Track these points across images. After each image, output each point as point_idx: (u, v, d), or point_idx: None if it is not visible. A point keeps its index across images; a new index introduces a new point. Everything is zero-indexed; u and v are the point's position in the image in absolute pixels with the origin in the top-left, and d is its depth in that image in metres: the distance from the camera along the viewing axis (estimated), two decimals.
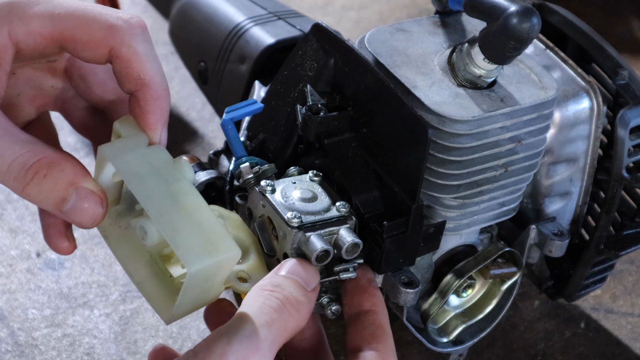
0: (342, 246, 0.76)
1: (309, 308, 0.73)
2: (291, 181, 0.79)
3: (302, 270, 0.74)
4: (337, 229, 0.77)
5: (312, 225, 0.76)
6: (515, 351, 1.06)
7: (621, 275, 1.16)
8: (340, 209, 0.78)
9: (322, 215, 0.77)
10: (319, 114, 0.82)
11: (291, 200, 0.77)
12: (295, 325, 0.72)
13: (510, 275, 0.92)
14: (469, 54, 0.80)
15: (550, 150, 0.91)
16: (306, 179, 0.80)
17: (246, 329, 0.68)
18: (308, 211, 0.77)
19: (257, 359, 0.67)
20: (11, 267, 1.12)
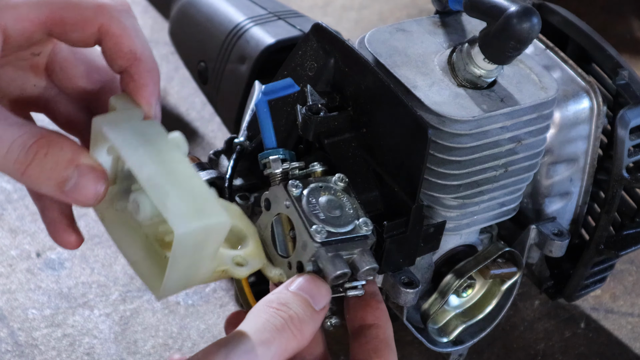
0: (359, 269, 0.75)
1: (314, 328, 0.72)
2: (318, 184, 0.78)
3: (313, 288, 0.73)
4: (358, 250, 0.75)
5: (334, 242, 0.75)
6: (515, 351, 1.06)
7: (621, 275, 1.16)
8: (362, 226, 0.76)
9: (345, 229, 0.75)
10: (319, 114, 0.82)
11: (317, 209, 0.76)
12: (297, 345, 0.71)
13: (510, 275, 0.92)
14: (469, 54, 0.80)
15: (550, 150, 0.91)
16: (332, 184, 0.78)
17: (246, 345, 0.67)
18: (332, 224, 0.75)
19: None
20: (11, 267, 1.12)
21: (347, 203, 0.77)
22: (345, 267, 0.74)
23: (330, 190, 0.78)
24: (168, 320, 1.07)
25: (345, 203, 0.77)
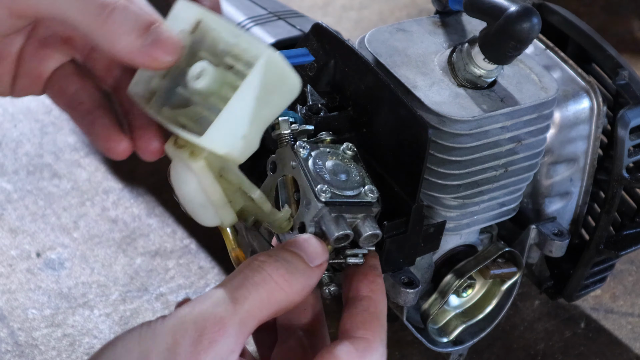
0: (362, 234, 0.75)
1: (307, 285, 0.71)
2: (326, 149, 0.77)
3: (308, 246, 0.72)
4: (361, 215, 0.75)
5: (339, 204, 0.74)
6: (515, 351, 1.06)
7: (621, 275, 1.16)
8: (368, 193, 0.75)
9: (351, 194, 0.75)
10: (319, 114, 0.82)
11: (323, 171, 0.75)
12: (285, 299, 0.69)
13: (510, 275, 0.92)
14: (469, 54, 0.80)
15: (550, 150, 0.91)
16: (340, 151, 0.78)
17: (216, 302, 0.66)
18: (338, 186, 0.75)
19: (218, 336, 0.65)
20: (11, 267, 1.12)
21: (354, 170, 0.77)
22: (348, 229, 0.73)
23: (337, 156, 0.77)
24: None
25: (352, 170, 0.77)
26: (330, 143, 0.79)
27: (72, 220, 1.17)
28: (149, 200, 1.21)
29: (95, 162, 1.25)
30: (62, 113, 1.30)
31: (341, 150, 0.78)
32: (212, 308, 0.66)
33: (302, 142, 0.76)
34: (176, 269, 1.13)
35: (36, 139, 1.27)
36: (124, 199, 1.20)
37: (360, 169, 0.77)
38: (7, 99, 1.32)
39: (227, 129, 0.69)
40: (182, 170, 0.73)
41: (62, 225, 1.17)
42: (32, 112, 1.31)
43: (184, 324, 0.65)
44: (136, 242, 1.15)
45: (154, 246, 1.15)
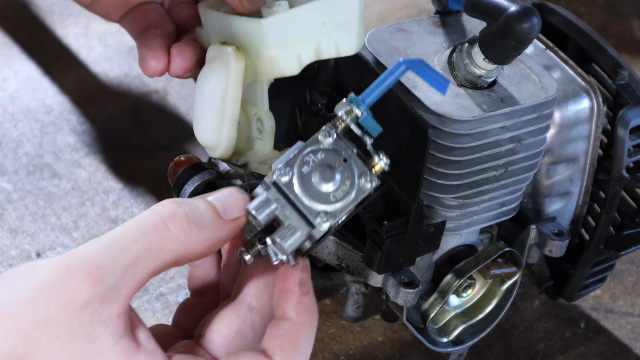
0: (274, 236, 0.67)
1: (213, 237, 0.66)
2: (336, 150, 0.69)
3: (226, 197, 0.67)
4: (291, 223, 0.67)
5: (283, 194, 0.67)
6: (515, 351, 1.06)
7: (621, 275, 1.16)
8: (322, 217, 0.67)
9: (304, 200, 0.67)
10: (319, 114, 0.82)
11: (313, 162, 0.68)
12: (182, 248, 0.65)
13: (510, 275, 0.92)
14: (469, 54, 0.80)
15: (550, 150, 0.91)
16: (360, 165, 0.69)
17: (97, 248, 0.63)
18: (304, 186, 0.67)
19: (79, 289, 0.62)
20: (11, 267, 1.12)
21: (341, 191, 0.68)
22: (260, 217, 0.67)
23: (339, 163, 0.69)
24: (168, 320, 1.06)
25: (341, 189, 0.68)
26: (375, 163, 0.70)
27: (72, 220, 1.17)
28: (149, 200, 1.21)
29: (95, 162, 1.25)
30: (62, 113, 1.30)
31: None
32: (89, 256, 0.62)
33: (330, 127, 0.69)
34: (176, 269, 1.13)
35: (36, 139, 1.27)
36: (124, 199, 1.20)
37: (349, 191, 0.68)
38: (7, 99, 1.32)
39: (290, 27, 0.70)
40: (217, 66, 0.72)
41: (62, 225, 1.17)
42: (32, 112, 1.31)
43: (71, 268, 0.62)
44: None
45: None
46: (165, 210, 0.65)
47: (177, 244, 0.65)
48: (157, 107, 1.35)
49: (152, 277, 0.65)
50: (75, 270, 0.63)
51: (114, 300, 0.63)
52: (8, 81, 1.36)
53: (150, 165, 1.25)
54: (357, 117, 0.69)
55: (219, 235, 0.67)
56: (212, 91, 0.74)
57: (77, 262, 0.63)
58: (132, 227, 0.64)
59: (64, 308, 0.62)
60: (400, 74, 0.69)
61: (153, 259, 0.64)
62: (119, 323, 0.63)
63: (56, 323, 0.62)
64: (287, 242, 0.67)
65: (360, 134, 0.69)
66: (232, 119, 0.73)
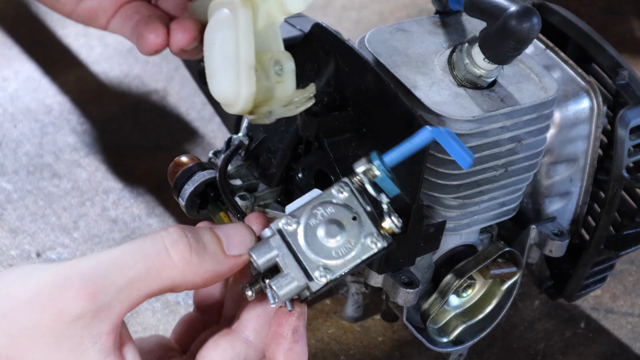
0: (271, 284, 0.67)
1: (214, 271, 0.66)
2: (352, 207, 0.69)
3: (233, 232, 0.68)
4: (290, 275, 0.67)
5: (288, 245, 0.67)
6: (515, 351, 1.06)
7: (621, 275, 1.16)
8: (320, 272, 0.67)
9: (306, 253, 0.67)
10: (319, 114, 0.82)
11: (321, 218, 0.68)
12: (180, 277, 0.65)
13: (510, 275, 0.92)
14: (469, 54, 0.80)
15: (550, 150, 0.91)
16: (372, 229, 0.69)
17: (97, 264, 0.63)
18: (309, 241, 0.67)
19: (73, 301, 0.62)
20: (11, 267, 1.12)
21: (344, 248, 0.68)
22: (260, 261, 0.67)
23: (348, 220, 0.68)
24: (168, 320, 1.07)
25: (344, 246, 0.68)
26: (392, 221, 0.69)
27: (72, 220, 1.17)
28: (149, 200, 1.21)
29: (95, 162, 1.25)
30: (62, 113, 1.30)
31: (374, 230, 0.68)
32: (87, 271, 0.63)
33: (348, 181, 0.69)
34: None
35: (36, 139, 1.27)
36: (124, 199, 1.20)
37: (354, 255, 0.68)
38: (7, 99, 1.32)
39: None
40: (224, 16, 0.71)
41: (62, 225, 1.17)
42: (32, 112, 1.31)
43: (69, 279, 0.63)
44: None
45: None
46: (169, 237, 0.66)
47: (175, 272, 0.65)
48: (157, 107, 1.35)
49: (148, 299, 0.65)
50: (73, 283, 0.63)
51: (105, 318, 0.63)
52: (8, 81, 1.36)
53: (150, 165, 1.25)
54: (375, 176, 0.69)
55: (219, 269, 0.67)
56: (223, 41, 0.72)
57: (75, 275, 0.63)
58: (135, 249, 0.65)
59: (56, 318, 0.63)
60: (425, 141, 0.69)
61: (150, 283, 0.64)
62: (108, 340, 0.64)
63: (47, 331, 0.63)
64: (282, 291, 0.67)
65: (375, 193, 0.69)
66: (249, 67, 0.71)
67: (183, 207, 0.89)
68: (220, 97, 0.74)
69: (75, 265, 0.64)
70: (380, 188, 0.69)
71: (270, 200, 0.89)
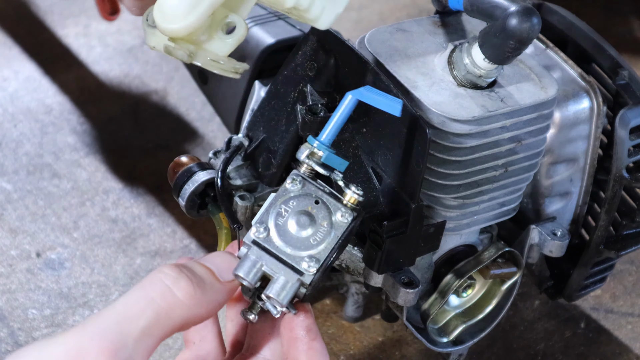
0: (266, 292, 0.68)
1: (215, 300, 0.67)
2: (317, 193, 0.71)
3: (220, 261, 0.69)
4: (282, 277, 0.68)
5: (266, 250, 0.68)
6: (515, 351, 1.06)
7: (621, 275, 1.16)
8: (307, 263, 0.68)
9: (286, 250, 0.68)
10: (319, 114, 0.82)
11: (287, 211, 0.69)
12: (188, 314, 0.66)
13: (510, 275, 0.92)
14: (469, 54, 0.80)
15: (550, 150, 0.91)
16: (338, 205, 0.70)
17: (107, 322, 0.63)
18: (282, 235, 0.69)
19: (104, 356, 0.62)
20: (11, 267, 1.12)
21: (320, 233, 0.69)
22: (250, 278, 0.68)
23: (312, 206, 0.70)
24: None
25: (319, 231, 0.69)
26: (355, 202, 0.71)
27: (72, 220, 1.17)
28: (149, 200, 1.21)
29: (95, 162, 1.25)
30: (62, 113, 1.30)
31: (340, 205, 0.70)
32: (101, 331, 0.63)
33: (298, 172, 0.71)
34: None
35: (36, 139, 1.27)
36: (124, 199, 1.20)
37: (331, 238, 0.69)
38: (7, 99, 1.32)
39: None
40: None
41: (62, 225, 1.17)
42: (32, 112, 1.31)
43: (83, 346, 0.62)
44: (136, 242, 1.15)
45: (154, 246, 1.15)
46: (169, 277, 0.66)
47: (184, 310, 0.66)
48: (157, 107, 1.35)
49: (162, 341, 0.66)
50: (89, 348, 0.63)
51: None
52: (8, 81, 1.36)
53: (150, 165, 1.25)
54: (320, 157, 0.71)
55: (219, 298, 0.68)
56: None
57: (89, 340, 0.63)
58: (139, 297, 0.65)
59: None
60: (351, 106, 0.71)
61: (162, 326, 0.65)
62: None
63: None
64: (281, 296, 0.68)
65: (327, 172, 0.70)
66: (213, 4, 0.70)
67: (183, 207, 0.89)
68: (166, 8, 0.70)
69: (85, 330, 0.63)
70: (330, 167, 0.70)
71: None
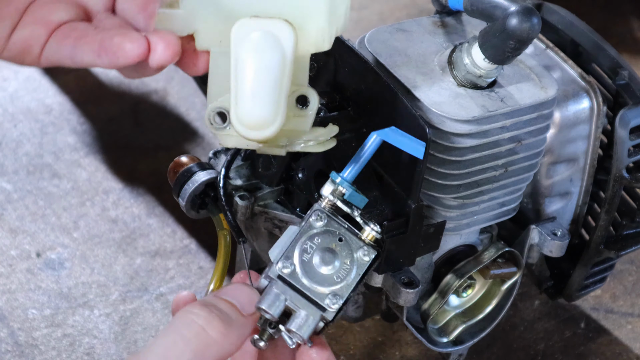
0: (289, 326, 0.70)
1: (243, 335, 0.69)
2: (339, 233, 0.72)
3: (240, 294, 0.71)
4: (304, 312, 0.70)
5: (290, 286, 0.70)
6: (515, 351, 1.06)
7: (621, 275, 1.16)
8: (330, 299, 0.70)
9: (312, 285, 0.70)
10: (319, 114, 0.82)
11: (312, 248, 0.71)
12: (221, 351, 0.68)
13: (510, 275, 0.92)
14: (469, 54, 0.80)
15: (550, 150, 0.91)
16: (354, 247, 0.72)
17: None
18: (307, 272, 0.71)
19: None
20: (11, 267, 1.12)
21: (343, 270, 0.71)
22: (274, 312, 0.70)
23: (336, 243, 0.72)
24: (168, 320, 1.07)
25: (342, 268, 0.71)
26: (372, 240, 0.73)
27: (72, 220, 1.17)
28: (149, 200, 1.21)
29: (95, 162, 1.25)
30: (62, 113, 1.30)
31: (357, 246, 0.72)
32: None
33: (322, 209, 0.72)
34: (176, 269, 1.13)
35: (36, 139, 1.27)
36: (124, 199, 1.20)
37: (353, 276, 0.71)
38: (7, 99, 1.32)
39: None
40: (266, 40, 0.70)
41: (62, 225, 1.17)
42: (32, 112, 1.31)
43: None
44: (136, 242, 1.15)
45: (154, 246, 1.15)
46: (201, 317, 0.68)
47: (217, 347, 0.67)
48: (157, 107, 1.35)
49: None
50: None
51: None
52: (8, 81, 1.36)
53: (150, 165, 1.25)
54: (343, 194, 0.73)
55: (245, 332, 0.70)
56: (268, 65, 0.70)
57: None
58: (176, 340, 0.66)
59: None
60: (375, 146, 0.73)
61: None
62: None
63: None
64: (302, 330, 0.70)
65: (347, 209, 0.73)
66: (287, 93, 0.71)
67: (183, 207, 0.89)
68: (255, 118, 0.72)
69: None
70: (350, 203, 0.73)
71: (270, 200, 0.89)
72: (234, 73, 0.70)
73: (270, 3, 0.70)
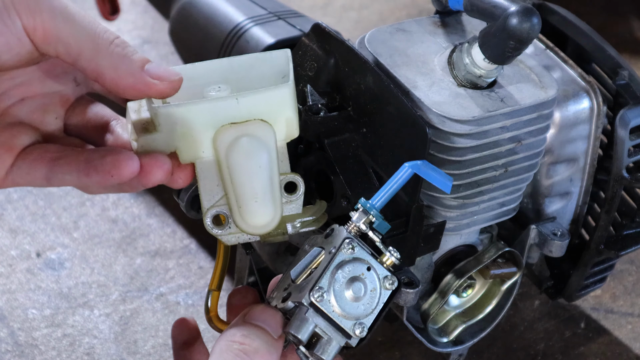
0: (314, 349, 0.72)
1: (277, 357, 0.72)
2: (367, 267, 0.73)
3: (268, 318, 0.73)
4: (329, 337, 0.72)
5: (321, 314, 0.71)
6: (515, 351, 1.06)
7: (621, 275, 1.16)
8: (356, 328, 0.72)
9: (342, 313, 0.72)
10: (319, 114, 0.82)
11: (341, 280, 0.72)
12: None
13: (510, 275, 0.92)
14: (469, 54, 0.80)
15: (550, 150, 0.91)
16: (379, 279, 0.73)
17: None
18: (339, 302, 0.72)
19: None
20: (11, 267, 1.12)
21: (370, 298, 0.73)
22: (303, 337, 0.71)
23: (364, 272, 0.73)
24: (168, 320, 1.07)
25: (370, 297, 0.73)
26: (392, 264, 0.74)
27: (72, 220, 1.17)
28: (149, 200, 1.21)
29: None
30: None
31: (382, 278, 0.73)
32: None
33: (353, 239, 0.73)
34: (176, 269, 1.13)
35: None
36: (124, 199, 1.20)
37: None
38: None
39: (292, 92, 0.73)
40: (251, 142, 0.73)
41: (62, 225, 1.17)
42: None
43: None
44: (136, 242, 1.16)
45: (154, 246, 1.15)
46: (250, 347, 0.70)
47: None
48: None
49: None
50: None
51: None
52: None
53: None
54: (372, 222, 0.74)
55: (278, 354, 0.72)
56: (261, 166, 0.74)
57: None
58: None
59: None
60: (406, 177, 0.73)
61: None
62: None
63: None
64: (326, 354, 0.72)
65: (375, 237, 0.73)
66: (279, 186, 0.75)
67: (183, 207, 0.89)
68: (258, 221, 0.75)
69: None
70: (373, 228, 0.74)
71: None
72: (229, 179, 0.74)
73: (244, 109, 0.72)
